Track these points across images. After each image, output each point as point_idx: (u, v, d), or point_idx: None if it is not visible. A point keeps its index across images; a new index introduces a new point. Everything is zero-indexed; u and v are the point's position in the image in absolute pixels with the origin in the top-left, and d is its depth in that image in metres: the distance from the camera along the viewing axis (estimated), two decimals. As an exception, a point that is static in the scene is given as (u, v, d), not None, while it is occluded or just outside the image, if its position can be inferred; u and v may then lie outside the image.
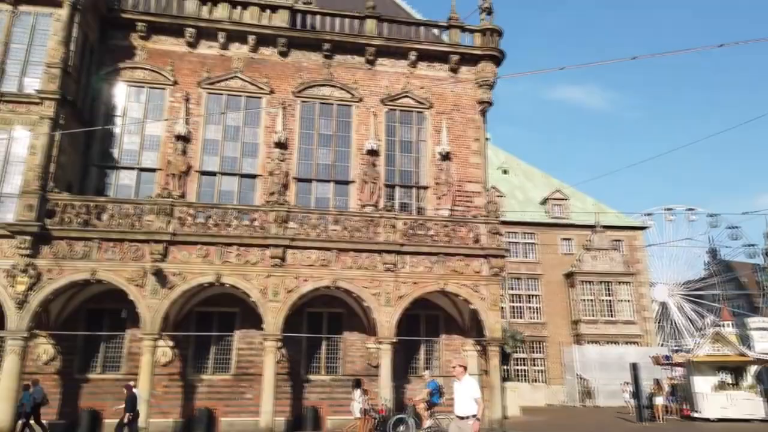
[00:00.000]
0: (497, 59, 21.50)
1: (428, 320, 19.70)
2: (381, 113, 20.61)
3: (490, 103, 21.32)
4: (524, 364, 35.44)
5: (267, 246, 16.62)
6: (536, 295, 36.92)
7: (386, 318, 16.86)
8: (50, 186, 15.80)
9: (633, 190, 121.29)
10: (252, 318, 17.14)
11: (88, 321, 17.53)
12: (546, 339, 35.97)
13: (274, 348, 16.38)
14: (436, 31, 22.05)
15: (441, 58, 21.31)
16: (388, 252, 17.17)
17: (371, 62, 20.84)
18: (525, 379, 34.90)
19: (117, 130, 18.92)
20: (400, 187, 20.20)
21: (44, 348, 16.97)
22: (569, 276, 36.73)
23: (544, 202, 39.46)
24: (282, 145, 19.50)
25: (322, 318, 18.96)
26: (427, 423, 14.72)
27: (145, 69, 19.47)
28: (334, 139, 20.12)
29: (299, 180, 19.51)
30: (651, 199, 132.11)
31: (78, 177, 17.87)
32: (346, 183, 19.84)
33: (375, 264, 17.15)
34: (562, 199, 39.35)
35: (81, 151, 18.10)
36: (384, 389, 16.53)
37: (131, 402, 14.10)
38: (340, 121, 20.34)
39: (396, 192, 20.09)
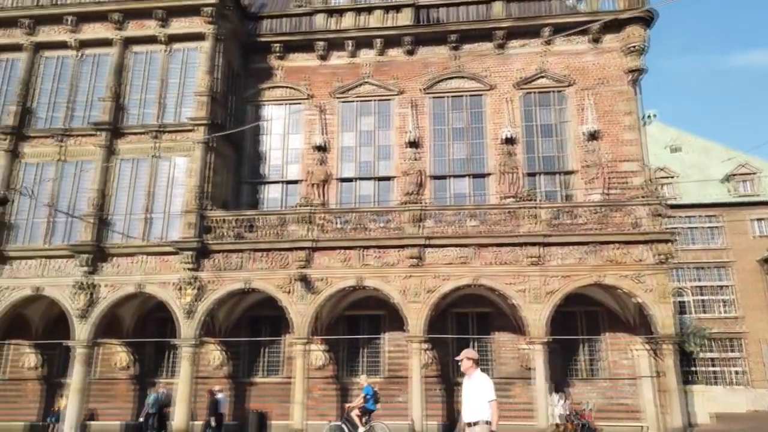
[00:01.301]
0: (646, 21, 19.07)
1: (588, 317, 17.95)
2: (516, 98, 19.38)
3: (641, 71, 18.95)
4: (717, 365, 30.97)
5: (404, 246, 16.39)
6: (727, 286, 32.12)
7: (535, 316, 15.62)
8: (207, 204, 17.21)
9: None
10: (398, 320, 16.97)
11: (250, 328, 18.76)
12: (744, 336, 31.07)
13: (419, 350, 16.03)
14: (570, 1, 20.24)
15: (579, 29, 19.42)
16: (532, 244, 15.94)
17: (501, 46, 19.73)
18: (719, 382, 30.45)
19: (263, 147, 20.13)
20: (543, 175, 18.75)
21: (215, 354, 18.50)
22: (766, 262, 31.41)
23: (727, 179, 34.33)
24: (415, 144, 19.22)
25: (469, 318, 18.21)
26: (360, 430, 13.63)
27: (284, 87, 20.51)
28: (467, 132, 19.35)
29: (434, 177, 19.05)
30: None
31: (232, 194, 19.29)
32: (484, 176, 18.92)
33: (518, 258, 16.02)
34: (750, 174, 33.91)
35: (233, 170, 19.53)
36: (540, 393, 15.29)
37: (213, 406, 15.17)
38: (473, 112, 19.52)
39: (539, 180, 18.69)
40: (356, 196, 19.14)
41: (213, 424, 15.31)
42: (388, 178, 19.29)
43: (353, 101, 20.12)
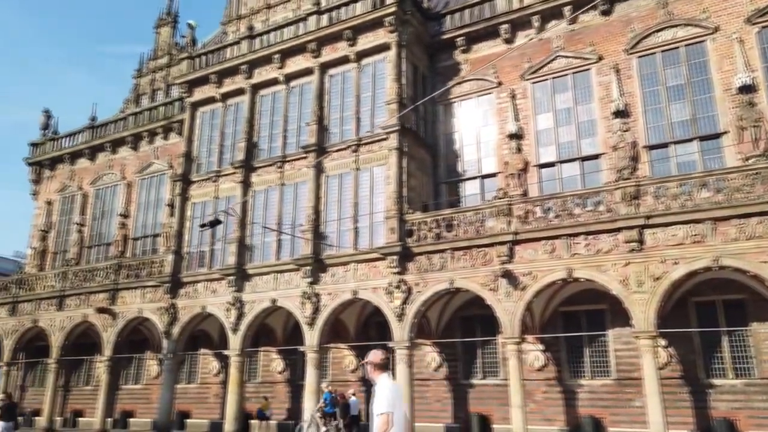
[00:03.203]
0: None
1: None
2: (750, 36, 15.77)
3: None
4: None
5: (618, 230, 14.37)
6: None
7: (806, 300, 12.27)
8: (406, 209, 17.41)
9: None
10: (622, 314, 14.91)
11: (463, 328, 18.39)
12: None
13: (651, 347, 13.80)
14: None
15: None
16: (792, 211, 12.61)
17: (721, -23, 16.31)
18: None
19: (456, 145, 19.76)
20: (801, 123, 14.83)
21: (431, 356, 18.56)
22: None
23: None
24: (622, 114, 16.89)
25: (716, 308, 15.18)
26: (323, 430, 16.20)
27: (471, 80, 19.92)
28: (687, 89, 16.33)
29: (651, 147, 16.46)
30: None
31: (431, 196, 19.27)
32: (716, 136, 15.73)
33: (772, 230, 12.81)
34: None
35: (429, 172, 19.53)
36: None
37: (344, 409, 16.25)
38: (692, 64, 16.43)
39: (795, 130, 14.83)
40: (559, 181, 17.52)
41: (340, 426, 16.42)
42: (594, 157, 17.28)
43: (546, 80, 18.57)
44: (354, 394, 17.32)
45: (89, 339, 24.73)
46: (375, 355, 5.17)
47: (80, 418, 25.27)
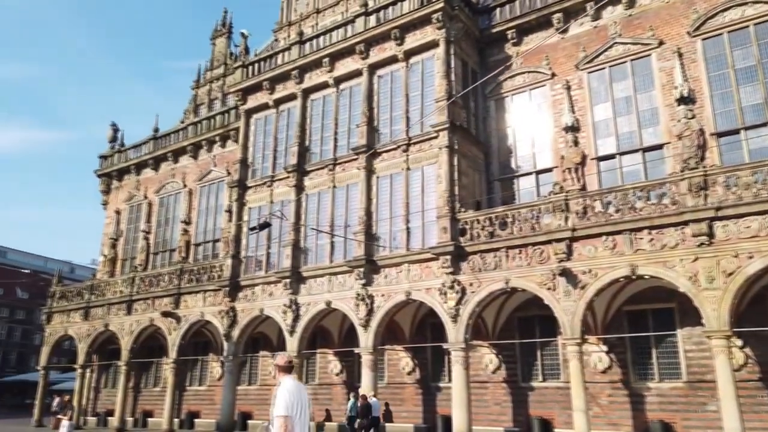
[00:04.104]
0: None
1: None
2: (829, 9, 14.49)
3: None
4: None
5: (685, 223, 13.49)
6: None
7: None
8: (458, 207, 17.05)
9: None
10: (693, 313, 13.99)
11: (520, 329, 17.82)
12: None
13: (725, 348, 12.84)
14: None
15: None
16: None
17: (795, -52, 15.09)
18: None
19: (509, 140, 19.22)
20: None
21: (489, 358, 18.09)
22: None
23: None
24: (687, 100, 15.91)
25: (800, 305, 14.01)
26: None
27: (523, 73, 19.35)
28: (759, 70, 15.18)
29: (719, 134, 15.40)
30: None
31: (484, 193, 18.81)
32: (793, 119, 14.54)
33: None
34: None
35: (482, 169, 19.08)
36: None
37: (365, 410, 16.25)
38: (763, 43, 15.27)
39: None
40: (620, 173, 16.69)
41: (355, 426, 16.78)
42: (657, 147, 16.36)
43: (602, 68, 17.76)
44: (375, 395, 17.25)
45: (157, 341, 25.69)
46: (280, 358, 5.33)
47: (150, 419, 26.23)
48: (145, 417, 26.55)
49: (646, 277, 14.08)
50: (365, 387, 17.61)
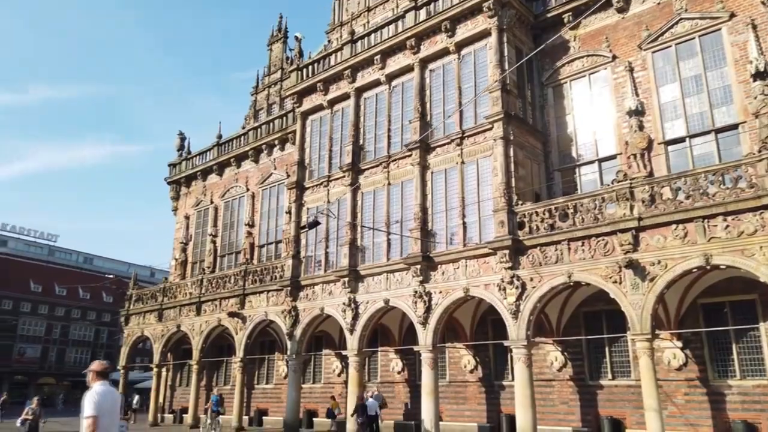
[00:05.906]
0: None
1: None
2: None
3: None
4: None
5: (764, 207, 12.40)
6: None
7: None
8: (515, 200, 16.50)
9: None
10: (778, 305, 12.93)
11: (586, 325, 17.04)
12: None
13: (816, 343, 11.72)
14: None
15: None
16: None
17: None
18: None
19: (569, 128, 18.42)
20: None
21: (554, 355, 17.40)
22: None
23: None
24: (765, 75, 14.65)
25: None
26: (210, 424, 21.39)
27: (581, 57, 18.50)
28: None
29: (802, 109, 14.08)
30: None
31: (543, 185, 18.12)
32: None
33: None
34: None
35: (540, 159, 18.39)
36: None
37: (362, 409, 16.74)
38: None
39: None
40: (690, 157, 15.61)
41: (354, 425, 17.34)
42: (731, 127, 15.18)
43: (668, 47, 16.69)
44: (372, 396, 17.32)
45: (225, 341, 26.49)
46: (97, 364, 5.64)
47: (221, 416, 27.04)
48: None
49: (723, 267, 13.06)
50: (425, 385, 17.39)
